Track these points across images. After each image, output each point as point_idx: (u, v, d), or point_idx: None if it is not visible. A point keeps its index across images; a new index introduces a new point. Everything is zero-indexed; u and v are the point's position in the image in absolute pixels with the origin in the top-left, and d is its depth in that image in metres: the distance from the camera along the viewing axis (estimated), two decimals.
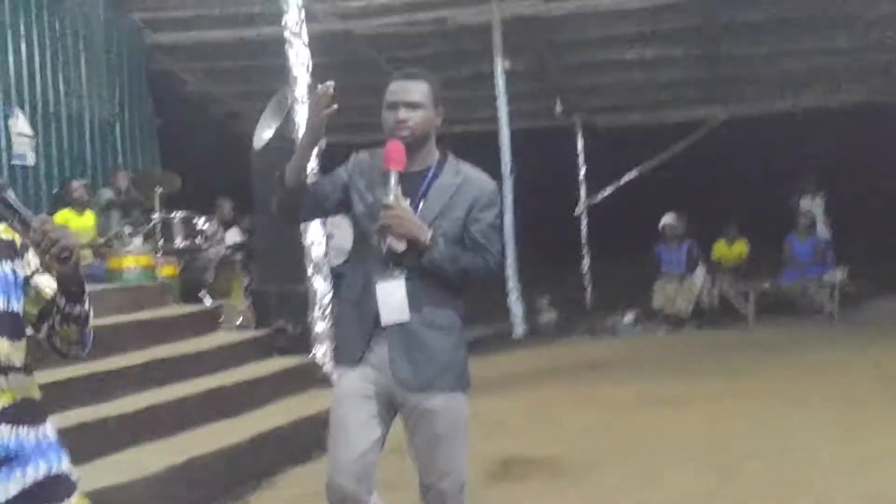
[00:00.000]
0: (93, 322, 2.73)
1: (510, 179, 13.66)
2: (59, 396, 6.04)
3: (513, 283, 13.56)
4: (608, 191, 17.31)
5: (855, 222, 16.03)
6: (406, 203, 3.71)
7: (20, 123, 12.13)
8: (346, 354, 3.86)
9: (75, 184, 11.24)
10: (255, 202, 11.01)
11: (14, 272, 2.61)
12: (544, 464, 6.63)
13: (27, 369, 2.61)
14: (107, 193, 12.10)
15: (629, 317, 14.59)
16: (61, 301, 2.60)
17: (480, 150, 14.65)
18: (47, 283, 2.65)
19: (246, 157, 14.33)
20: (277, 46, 10.27)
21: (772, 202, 15.81)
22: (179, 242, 10.71)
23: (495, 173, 13.33)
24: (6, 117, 11.99)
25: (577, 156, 17.33)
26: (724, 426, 7.44)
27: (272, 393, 7.63)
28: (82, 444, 5.65)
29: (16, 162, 12.07)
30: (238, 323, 9.93)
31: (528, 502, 5.90)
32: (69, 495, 2.64)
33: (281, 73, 10.69)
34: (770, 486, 5.84)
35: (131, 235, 10.34)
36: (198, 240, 10.86)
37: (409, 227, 3.68)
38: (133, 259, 9.42)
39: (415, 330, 3.76)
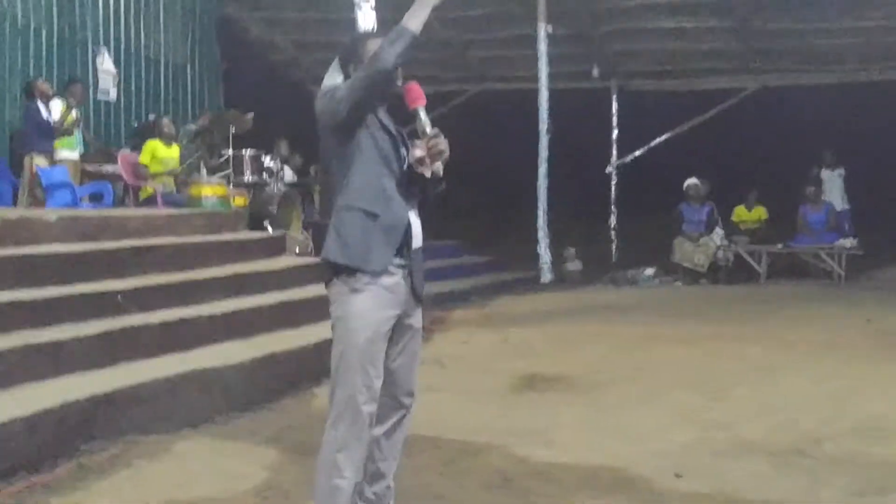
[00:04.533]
0: None
1: (546, 137, 14.66)
2: (160, 298, 7.33)
3: (542, 233, 14.62)
4: (638, 152, 18.23)
5: (873, 195, 16.82)
6: None
7: (105, 61, 13.44)
8: (371, 260, 4.01)
9: (166, 120, 12.47)
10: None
11: None
12: (561, 381, 7.79)
13: None
14: (192, 127, 13.27)
15: (650, 270, 15.69)
16: None
17: (520, 108, 15.79)
18: None
19: (301, 100, 15.37)
20: (339, 1, 11.27)
21: (793, 172, 16.70)
22: (248, 177, 11.94)
23: (533, 131, 14.49)
24: (94, 55, 13.26)
25: (611, 117, 18.27)
26: (720, 361, 8.52)
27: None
28: (183, 336, 6.94)
29: (101, 97, 13.40)
30: (297, 251, 11.10)
31: (547, 409, 6.98)
32: None
33: (340, 27, 11.81)
34: (751, 406, 6.93)
35: (206, 169, 11.60)
36: (264, 175, 12.09)
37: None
38: (210, 188, 10.67)
39: (420, 251, 4.22)
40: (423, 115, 4.05)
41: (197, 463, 5.48)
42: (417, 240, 4.16)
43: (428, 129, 4.03)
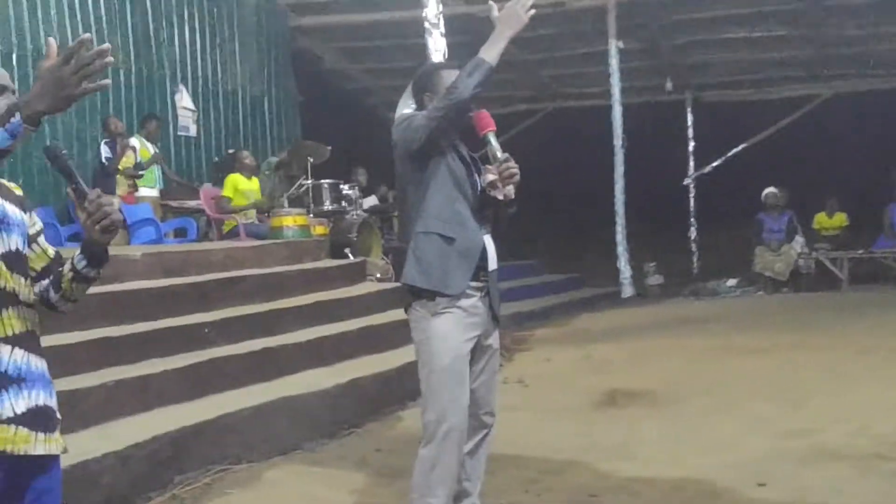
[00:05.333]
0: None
1: (621, 152, 14.73)
2: (245, 328, 7.51)
3: (622, 248, 14.68)
4: (715, 163, 18.20)
5: None
6: None
7: (184, 99, 13.74)
8: (449, 283, 4.14)
9: (246, 153, 12.68)
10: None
11: (23, 222, 2.72)
12: (642, 395, 7.84)
13: (33, 305, 2.73)
14: (274, 159, 13.52)
15: (732, 280, 15.65)
16: (81, 263, 2.75)
17: (594, 124, 15.87)
18: (48, 244, 2.85)
19: (376, 127, 15.56)
20: (409, 28, 11.41)
21: (872, 177, 16.53)
22: (328, 205, 12.17)
23: (608, 146, 14.58)
24: (173, 93, 13.60)
25: (686, 129, 18.27)
26: (799, 370, 8.50)
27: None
28: (269, 365, 7.10)
29: (180, 133, 13.73)
30: (378, 277, 11.26)
31: (628, 424, 7.03)
32: (55, 429, 2.68)
33: (411, 52, 12.00)
34: (827, 415, 6.88)
35: (286, 197, 11.88)
36: (343, 203, 12.31)
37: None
38: (291, 219, 10.90)
39: (496, 273, 4.34)
40: (493, 140, 4.16)
41: (287, 490, 5.62)
42: (493, 262, 4.28)
43: (499, 154, 4.14)
